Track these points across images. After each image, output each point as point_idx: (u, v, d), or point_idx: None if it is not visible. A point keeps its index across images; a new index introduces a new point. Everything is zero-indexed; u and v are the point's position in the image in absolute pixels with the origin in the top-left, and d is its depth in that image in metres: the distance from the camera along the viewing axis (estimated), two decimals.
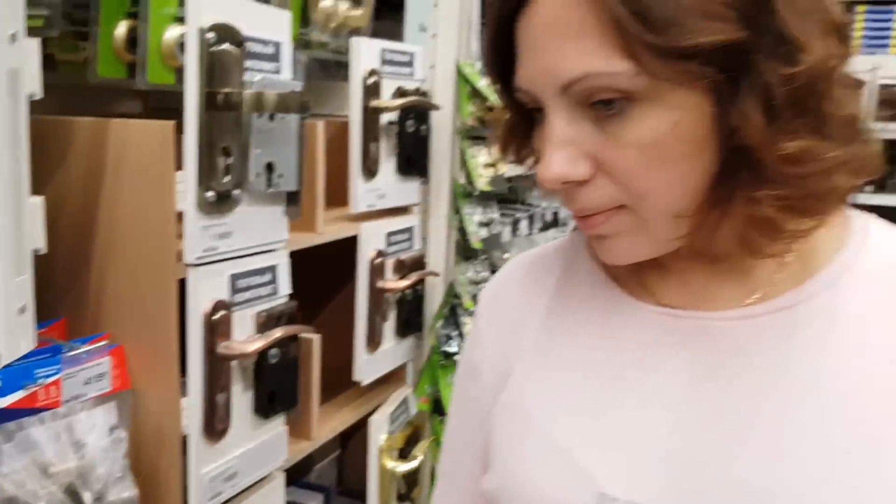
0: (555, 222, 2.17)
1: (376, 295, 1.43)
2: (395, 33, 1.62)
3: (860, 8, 4.61)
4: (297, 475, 1.61)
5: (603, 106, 0.50)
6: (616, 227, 0.54)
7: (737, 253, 0.56)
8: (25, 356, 0.79)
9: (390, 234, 1.46)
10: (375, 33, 1.50)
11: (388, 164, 1.45)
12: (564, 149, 0.52)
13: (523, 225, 1.99)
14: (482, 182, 1.62)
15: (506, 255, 1.78)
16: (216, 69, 0.95)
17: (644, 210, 0.53)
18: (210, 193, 0.96)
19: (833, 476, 0.50)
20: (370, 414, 1.45)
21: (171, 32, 1.04)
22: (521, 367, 0.65)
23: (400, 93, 1.43)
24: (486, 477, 0.65)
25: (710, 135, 0.50)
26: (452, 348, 1.65)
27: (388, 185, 1.46)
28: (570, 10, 0.49)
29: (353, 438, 1.68)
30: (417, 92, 1.46)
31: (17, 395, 0.85)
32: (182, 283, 0.96)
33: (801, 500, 0.51)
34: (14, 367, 0.82)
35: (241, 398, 1.06)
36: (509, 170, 1.68)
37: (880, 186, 4.82)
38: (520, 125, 0.60)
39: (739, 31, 0.47)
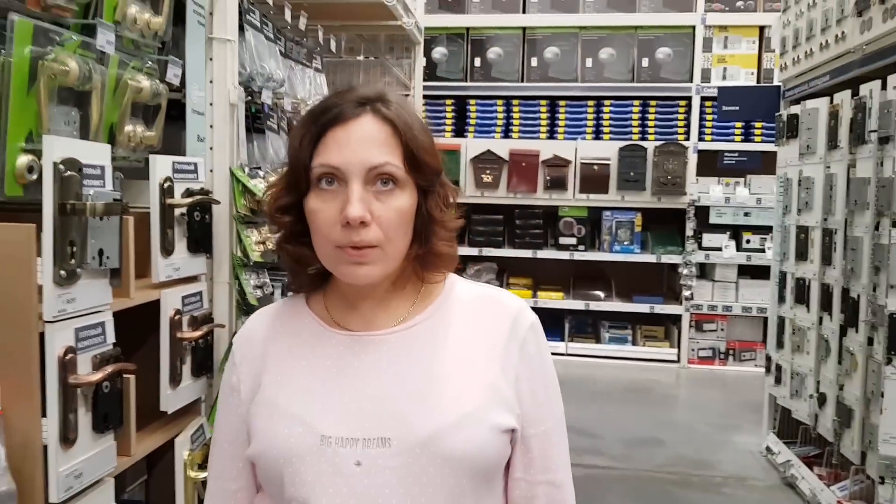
0: None
1: (176, 343, 1.88)
2: (179, 140, 2.11)
3: (562, 103, 5.71)
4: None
5: (382, 184, 1.02)
6: (371, 258, 1.03)
7: (411, 282, 1.11)
8: None
9: (185, 297, 1.93)
10: (164, 141, 1.96)
11: (181, 245, 1.92)
12: (361, 202, 1.01)
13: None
14: (255, 255, 2.13)
15: None
16: (65, 188, 1.40)
17: (389, 248, 1.04)
18: (62, 272, 1.40)
19: (429, 403, 1.03)
20: (175, 436, 1.88)
21: (22, 160, 1.47)
22: (267, 379, 1.10)
23: (188, 192, 1.92)
24: (250, 447, 1.08)
25: (417, 211, 1.06)
26: None
27: (182, 261, 1.93)
28: (378, 131, 1.02)
29: (157, 467, 2.07)
30: (202, 191, 1.96)
31: None
32: (41, 336, 1.38)
33: (414, 417, 1.02)
34: None
35: (84, 418, 1.47)
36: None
37: (591, 245, 5.90)
38: (297, 189, 1.07)
39: (437, 165, 1.06)
